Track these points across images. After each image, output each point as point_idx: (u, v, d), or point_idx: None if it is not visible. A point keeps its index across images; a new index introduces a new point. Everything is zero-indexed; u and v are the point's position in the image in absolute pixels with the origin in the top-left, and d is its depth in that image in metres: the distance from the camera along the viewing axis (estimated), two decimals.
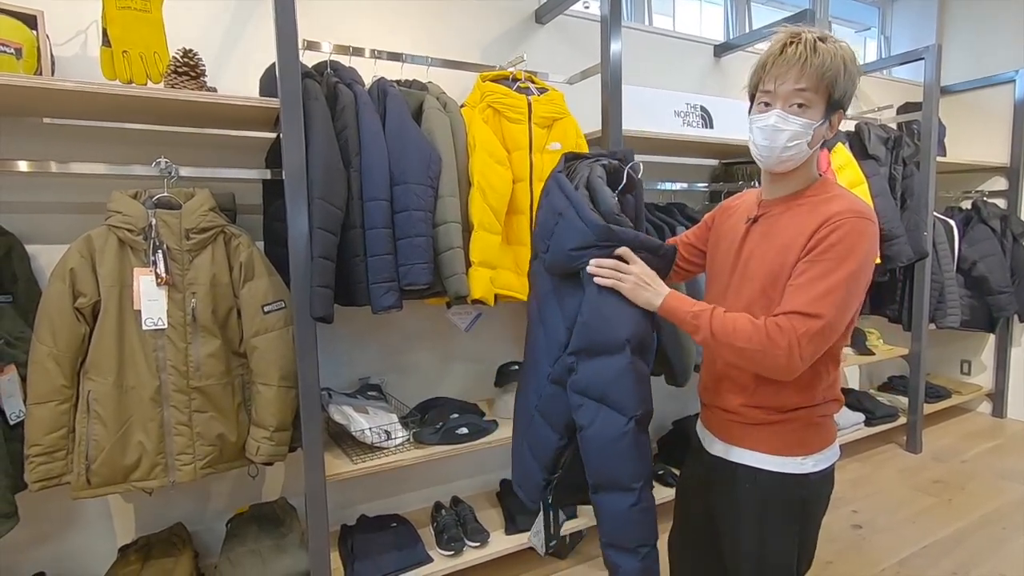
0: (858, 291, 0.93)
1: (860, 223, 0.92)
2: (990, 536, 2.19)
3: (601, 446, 1.01)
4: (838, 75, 0.94)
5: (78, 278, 1.34)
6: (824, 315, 0.89)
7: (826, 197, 0.98)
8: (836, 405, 1.05)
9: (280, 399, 1.50)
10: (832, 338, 0.93)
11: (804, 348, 0.90)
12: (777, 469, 1.02)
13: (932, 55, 2.78)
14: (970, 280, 3.14)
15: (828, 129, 0.98)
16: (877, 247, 0.94)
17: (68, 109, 1.47)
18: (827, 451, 1.04)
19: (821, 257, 0.91)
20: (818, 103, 0.96)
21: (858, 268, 0.91)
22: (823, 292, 0.90)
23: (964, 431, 3.29)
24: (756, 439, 1.03)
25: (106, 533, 1.72)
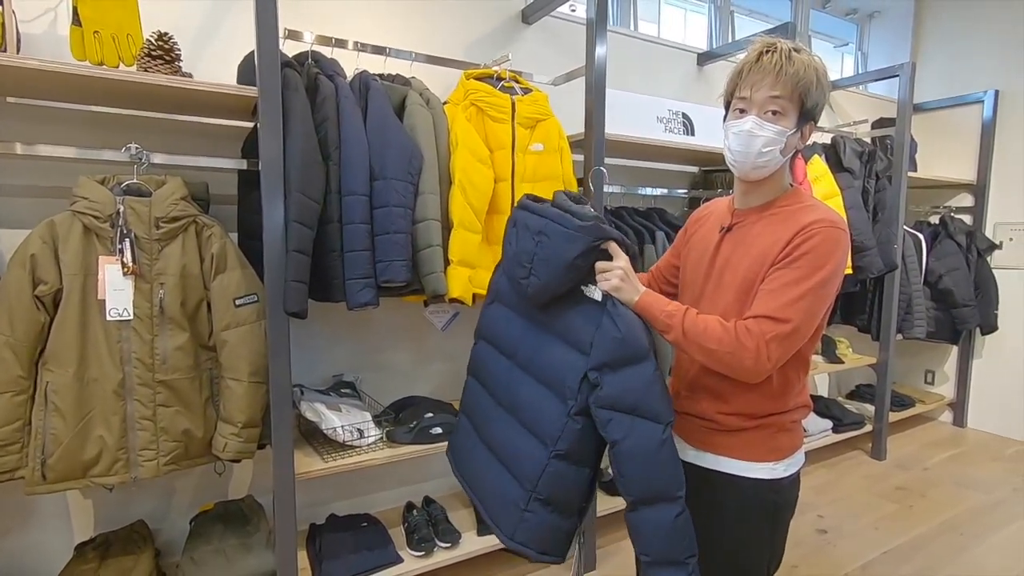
0: (827, 298, 0.95)
1: (834, 232, 0.94)
2: (949, 542, 2.26)
3: (643, 459, 0.97)
4: (811, 85, 0.96)
5: (39, 265, 1.29)
6: (792, 320, 0.91)
7: (800, 207, 1.00)
8: (806, 411, 1.08)
9: (250, 395, 1.46)
10: (799, 343, 0.95)
11: (772, 351, 0.91)
12: (751, 475, 1.04)
13: (906, 73, 2.86)
14: (936, 293, 3.24)
15: (800, 139, 1.01)
16: (848, 256, 0.97)
17: (34, 89, 1.41)
18: (796, 455, 1.07)
19: (794, 264, 0.93)
20: (791, 111, 0.98)
21: (828, 276, 0.93)
22: (794, 298, 0.92)
23: (927, 439, 3.39)
24: (730, 445, 1.05)
25: (63, 530, 1.66)
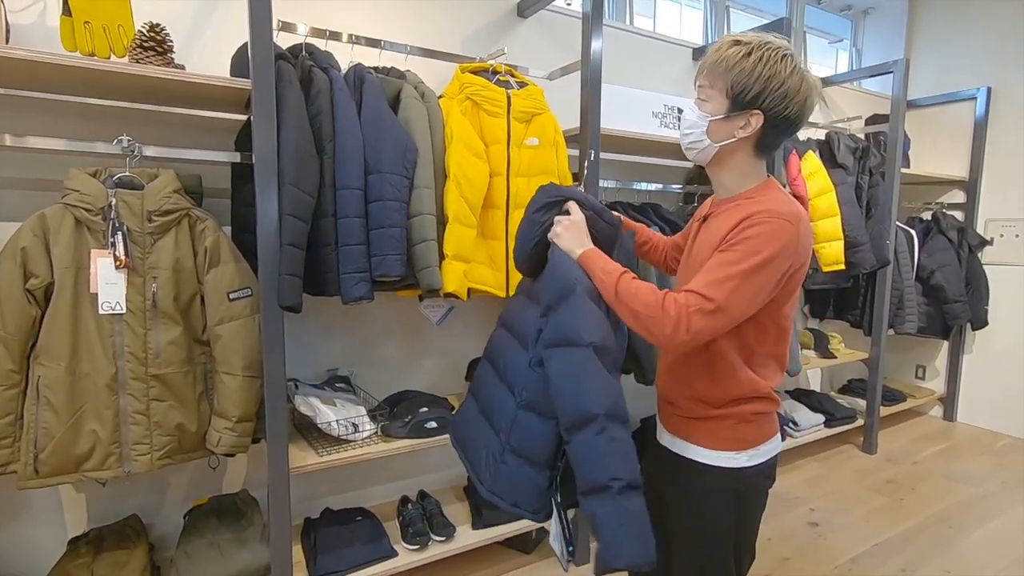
0: (760, 284, 0.94)
1: (778, 223, 0.94)
2: (938, 535, 2.29)
3: (564, 382, 0.98)
4: (737, 71, 0.98)
5: (30, 258, 1.28)
6: (716, 299, 0.92)
7: (760, 198, 1.01)
8: (768, 404, 1.08)
9: (244, 389, 1.46)
10: (723, 321, 0.94)
11: (692, 323, 0.92)
12: (712, 463, 1.07)
13: (900, 69, 2.87)
14: (927, 288, 3.27)
15: (741, 128, 1.01)
16: (796, 248, 0.96)
17: (23, 80, 1.39)
18: (762, 447, 1.08)
19: (732, 248, 0.95)
20: (717, 98, 1.01)
21: (763, 263, 0.93)
22: (722, 278, 0.93)
23: (917, 434, 3.42)
24: (696, 434, 1.09)
25: (55, 525, 1.65)
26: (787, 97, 0.98)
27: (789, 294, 1.02)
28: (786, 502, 2.54)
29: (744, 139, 1.02)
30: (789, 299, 1.03)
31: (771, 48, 0.98)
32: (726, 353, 1.02)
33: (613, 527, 0.92)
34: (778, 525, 2.34)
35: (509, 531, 1.95)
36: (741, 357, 1.03)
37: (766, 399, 1.07)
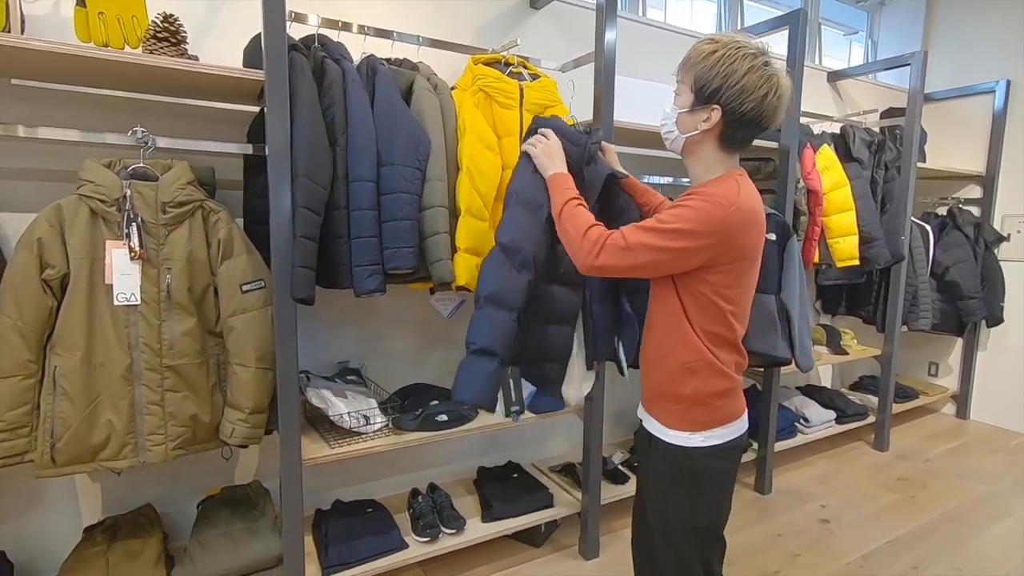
0: (670, 247, 1.04)
1: (707, 203, 1.03)
2: (950, 533, 2.27)
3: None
4: (698, 70, 1.07)
5: (46, 248, 1.29)
6: (629, 240, 1.06)
7: (709, 183, 1.10)
8: (724, 382, 1.13)
9: (257, 381, 1.46)
10: (626, 261, 1.06)
11: (602, 253, 1.08)
12: (670, 440, 1.16)
13: (917, 62, 2.82)
14: (942, 284, 3.22)
15: (704, 122, 1.08)
16: (723, 230, 1.03)
17: (38, 71, 1.40)
18: (718, 430, 1.14)
19: (666, 211, 1.07)
20: (685, 92, 1.11)
21: (680, 230, 1.03)
22: (643, 228, 1.06)
23: (929, 431, 3.39)
24: (659, 411, 1.18)
25: (71, 513, 1.67)
26: (743, 94, 1.03)
27: (734, 274, 1.08)
28: (797, 498, 2.53)
29: (707, 132, 1.09)
30: (735, 280, 1.09)
31: (735, 47, 1.04)
32: (680, 326, 1.12)
33: (463, 374, 1.29)
34: (788, 521, 2.33)
35: (518, 524, 1.96)
36: (692, 330, 1.11)
37: (719, 376, 1.12)
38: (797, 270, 2.25)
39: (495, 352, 1.23)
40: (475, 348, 1.25)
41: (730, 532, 1.25)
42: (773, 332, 2.25)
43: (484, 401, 1.28)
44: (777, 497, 2.54)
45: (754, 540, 2.18)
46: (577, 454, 2.19)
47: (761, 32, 2.56)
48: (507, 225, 1.26)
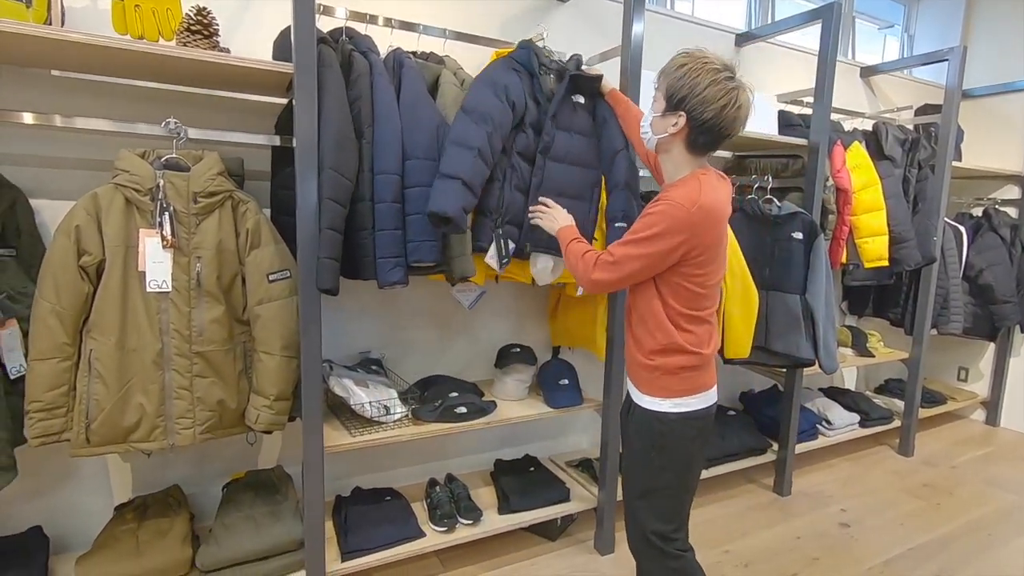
0: (649, 251, 1.20)
1: (666, 206, 1.19)
2: (975, 542, 2.22)
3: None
4: (669, 80, 1.21)
5: (83, 236, 1.33)
6: (615, 256, 1.24)
7: (673, 187, 1.24)
8: (692, 359, 1.27)
9: (281, 368, 1.49)
10: (617, 273, 1.24)
11: (595, 270, 1.27)
12: (643, 404, 1.32)
13: (957, 57, 2.73)
14: (975, 288, 3.13)
15: (671, 125, 1.22)
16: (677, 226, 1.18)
17: (77, 62, 1.44)
18: (687, 399, 1.29)
19: (639, 221, 1.23)
20: (660, 98, 1.25)
21: (653, 235, 1.19)
22: (624, 242, 1.24)
23: (957, 437, 3.31)
24: (636, 377, 1.35)
25: (103, 491, 1.73)
26: (704, 103, 1.17)
27: (701, 264, 1.22)
28: (817, 501, 2.49)
29: (675, 135, 1.23)
30: (703, 268, 1.23)
31: (703, 61, 1.18)
32: (656, 310, 1.27)
33: (434, 192, 1.47)
34: (808, 524, 2.30)
35: (535, 517, 1.97)
36: (666, 314, 1.26)
37: (687, 352, 1.26)
38: (823, 270, 2.21)
39: (458, 176, 1.46)
40: (442, 174, 1.48)
41: (748, 532, 1.25)
42: (796, 332, 2.22)
43: (451, 209, 1.44)
44: (796, 499, 2.51)
45: (772, 542, 2.16)
46: (594, 449, 2.20)
47: (793, 26, 2.51)
48: (469, 98, 1.57)
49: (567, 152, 1.72)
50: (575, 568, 1.95)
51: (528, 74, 1.69)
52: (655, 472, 1.32)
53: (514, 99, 1.61)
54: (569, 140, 1.73)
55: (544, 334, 2.39)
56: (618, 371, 1.94)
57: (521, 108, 1.63)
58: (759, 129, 2.31)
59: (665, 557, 1.33)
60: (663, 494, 1.33)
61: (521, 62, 1.70)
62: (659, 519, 1.33)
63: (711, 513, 2.34)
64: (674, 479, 1.32)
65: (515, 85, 1.63)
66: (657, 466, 1.31)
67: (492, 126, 1.53)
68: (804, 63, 2.90)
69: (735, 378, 2.92)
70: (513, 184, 1.65)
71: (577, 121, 1.75)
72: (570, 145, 1.73)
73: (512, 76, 1.65)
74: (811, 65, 2.36)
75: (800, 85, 2.77)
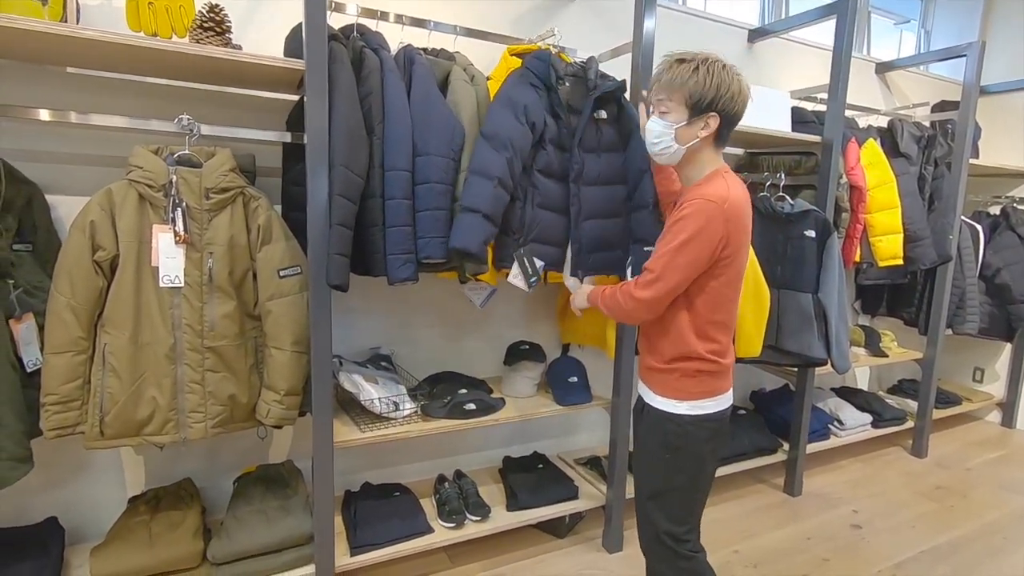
0: (688, 256, 1.18)
1: (699, 204, 1.17)
2: (988, 546, 2.19)
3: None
4: (691, 83, 1.19)
5: (98, 231, 1.34)
6: (655, 270, 1.21)
7: (699, 187, 1.23)
8: (710, 365, 1.27)
9: (292, 364, 1.50)
10: (665, 286, 1.20)
11: (641, 291, 1.23)
12: (658, 406, 1.31)
13: (975, 53, 2.68)
14: (991, 287, 3.08)
15: (702, 129, 1.22)
16: (713, 224, 1.16)
17: (92, 59, 1.45)
18: (702, 402, 1.28)
19: (669, 229, 1.21)
20: (676, 107, 1.22)
21: (689, 239, 1.17)
22: (660, 255, 1.21)
23: (971, 439, 3.27)
24: (652, 381, 1.34)
25: (116, 483, 1.76)
26: (734, 98, 1.20)
27: (731, 262, 1.21)
28: (828, 502, 2.47)
29: (705, 138, 1.23)
30: (732, 267, 1.22)
31: (710, 60, 1.20)
32: (680, 321, 1.25)
33: (456, 227, 1.50)
34: (818, 525, 2.28)
35: (543, 515, 1.97)
36: (692, 324, 1.25)
37: (707, 360, 1.26)
38: (836, 268, 2.19)
39: (478, 209, 1.47)
40: (463, 207, 1.49)
41: (757, 532, 1.25)
42: (809, 332, 2.20)
43: (472, 245, 1.47)
44: (807, 500, 2.49)
45: (782, 542, 2.15)
46: (603, 447, 2.19)
47: (808, 22, 2.48)
48: (488, 122, 1.57)
49: (598, 174, 1.71)
50: (583, 566, 1.95)
51: (546, 88, 1.66)
52: (668, 473, 1.31)
53: (534, 119, 1.60)
54: (598, 162, 1.71)
55: (553, 332, 2.39)
56: (627, 369, 1.93)
57: (540, 126, 1.62)
58: (772, 126, 2.28)
59: (676, 558, 1.32)
60: (675, 495, 1.32)
61: (539, 76, 1.66)
62: (671, 520, 1.32)
63: (720, 513, 2.33)
64: (687, 481, 1.31)
65: (534, 104, 1.61)
66: (670, 467, 1.31)
67: (512, 151, 1.53)
68: (818, 59, 2.87)
69: (746, 377, 2.90)
70: (536, 203, 1.64)
71: (603, 139, 1.72)
72: (599, 166, 1.71)
73: (530, 93, 1.62)
74: (825, 61, 2.33)
75: (814, 81, 2.74)
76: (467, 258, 1.52)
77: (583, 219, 1.71)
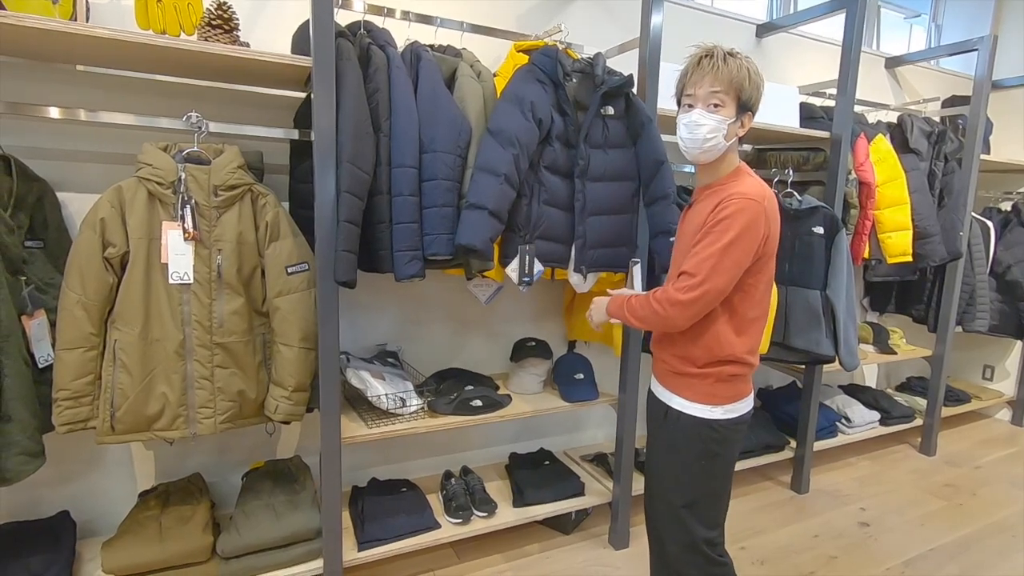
0: (736, 256, 1.14)
1: (743, 202, 1.14)
2: (998, 544, 2.18)
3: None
4: (744, 81, 1.17)
5: (108, 228, 1.35)
6: (699, 274, 1.15)
7: (730, 183, 1.21)
8: (744, 368, 1.25)
9: (300, 360, 1.51)
10: (710, 290, 1.14)
11: (683, 295, 1.16)
12: (692, 412, 1.26)
13: (986, 46, 2.65)
14: (1002, 284, 3.05)
15: (740, 127, 1.21)
16: (758, 222, 1.14)
17: (101, 57, 1.46)
18: (735, 404, 1.26)
19: (710, 230, 1.16)
20: (730, 103, 1.19)
21: (734, 239, 1.13)
22: (704, 257, 1.15)
23: (981, 437, 3.24)
24: (681, 386, 1.28)
25: (127, 478, 1.77)
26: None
27: (768, 258, 1.21)
28: (835, 499, 2.46)
29: (737, 135, 1.22)
30: (769, 262, 1.22)
31: (750, 59, 1.19)
32: (717, 325, 1.21)
33: (462, 223, 1.50)
34: (825, 522, 2.28)
35: (549, 511, 1.97)
36: (731, 324, 1.21)
37: (741, 363, 1.24)
38: (845, 265, 2.18)
39: (484, 206, 1.47)
40: (469, 204, 1.49)
41: (764, 529, 1.24)
42: (816, 329, 2.19)
43: (478, 242, 1.47)
44: (814, 497, 2.48)
45: (789, 539, 2.14)
46: (610, 444, 2.19)
47: (816, 16, 2.46)
48: (495, 118, 1.56)
49: (604, 170, 1.71)
50: (589, 562, 1.95)
51: (553, 84, 1.66)
52: (705, 480, 1.27)
53: (541, 116, 1.59)
54: (604, 158, 1.71)
55: (560, 328, 2.39)
56: (634, 366, 1.93)
57: (547, 123, 1.61)
58: (780, 121, 2.27)
59: (709, 564, 1.29)
60: (711, 501, 1.29)
61: (546, 72, 1.66)
62: (707, 526, 1.29)
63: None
64: (721, 485, 1.30)
65: (541, 100, 1.60)
66: (707, 474, 1.27)
67: (518, 148, 1.53)
68: (827, 54, 2.84)
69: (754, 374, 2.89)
70: (542, 199, 1.64)
71: (610, 135, 1.72)
72: (606, 162, 1.71)
73: (537, 89, 1.62)
74: (834, 56, 2.31)
75: (823, 77, 2.72)
76: (473, 254, 1.52)
77: (588, 215, 1.71)
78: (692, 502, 1.28)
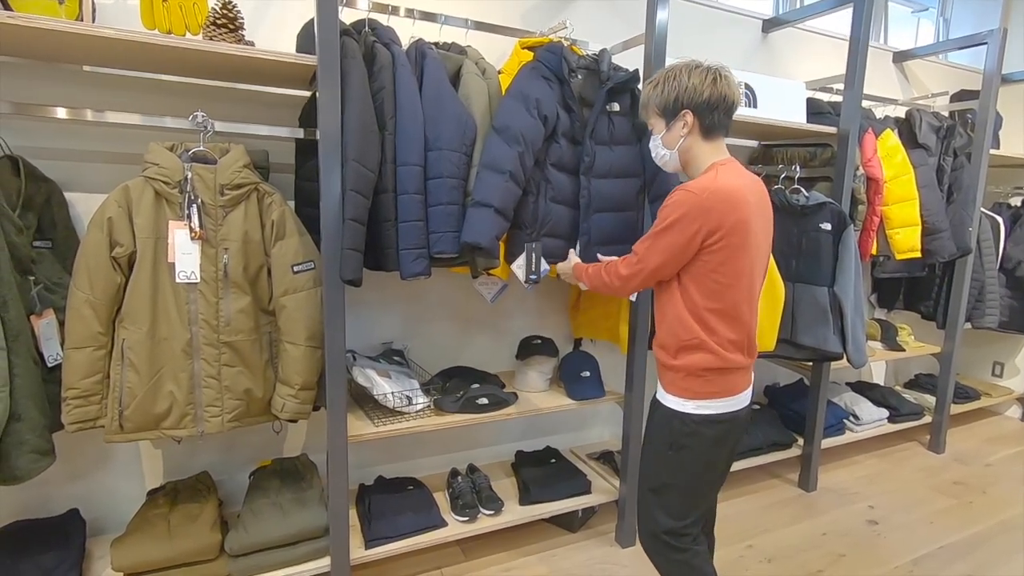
0: (668, 240, 1.23)
1: (679, 194, 1.23)
2: (1008, 542, 2.16)
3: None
4: (651, 96, 1.31)
5: (115, 228, 1.36)
6: (638, 252, 1.31)
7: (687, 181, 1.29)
8: (716, 359, 1.26)
9: (306, 358, 1.51)
10: (645, 271, 1.29)
11: (623, 269, 1.34)
12: (667, 404, 1.32)
13: (996, 40, 2.62)
14: (1012, 280, 3.03)
15: (682, 128, 1.29)
16: (692, 213, 1.20)
17: (107, 57, 1.46)
18: (710, 401, 1.28)
19: (656, 220, 1.27)
20: (656, 120, 1.34)
21: (668, 225, 1.23)
22: (644, 239, 1.30)
23: (990, 434, 3.22)
24: (664, 379, 1.35)
25: (135, 476, 1.79)
26: (695, 89, 1.25)
27: (721, 251, 1.21)
28: (843, 497, 2.45)
29: (688, 134, 1.29)
30: (723, 256, 1.22)
31: (673, 68, 1.28)
32: (677, 307, 1.29)
33: (467, 221, 1.51)
34: (833, 520, 2.26)
35: (555, 509, 1.97)
36: (688, 309, 1.26)
37: (712, 353, 1.25)
38: (852, 262, 2.16)
39: (490, 204, 1.49)
40: (475, 201, 1.51)
41: (772, 527, 1.24)
42: (824, 326, 2.18)
43: (483, 240, 1.48)
44: (822, 495, 2.47)
45: (797, 537, 2.13)
46: (616, 442, 2.19)
47: (823, 11, 2.44)
48: (500, 115, 1.56)
49: (610, 167, 1.71)
50: (595, 560, 1.95)
51: (558, 81, 1.65)
52: (671, 470, 1.32)
53: (546, 113, 1.59)
54: (610, 154, 1.71)
55: (566, 326, 2.39)
56: (640, 364, 1.92)
57: (553, 120, 1.62)
58: (787, 117, 2.25)
59: (670, 550, 1.33)
60: (676, 492, 1.33)
61: (551, 69, 1.65)
62: (669, 515, 1.33)
63: (734, 507, 2.32)
64: (689, 479, 1.32)
65: (546, 97, 1.60)
66: (673, 465, 1.31)
67: (524, 145, 1.53)
68: (834, 49, 2.82)
69: (760, 372, 2.88)
70: (548, 197, 1.65)
71: (616, 132, 1.72)
72: (611, 159, 1.71)
73: (542, 86, 1.62)
74: (841, 51, 2.29)
75: (830, 71, 2.70)
76: (479, 252, 1.52)
77: (593, 212, 1.70)
78: (657, 489, 1.34)
